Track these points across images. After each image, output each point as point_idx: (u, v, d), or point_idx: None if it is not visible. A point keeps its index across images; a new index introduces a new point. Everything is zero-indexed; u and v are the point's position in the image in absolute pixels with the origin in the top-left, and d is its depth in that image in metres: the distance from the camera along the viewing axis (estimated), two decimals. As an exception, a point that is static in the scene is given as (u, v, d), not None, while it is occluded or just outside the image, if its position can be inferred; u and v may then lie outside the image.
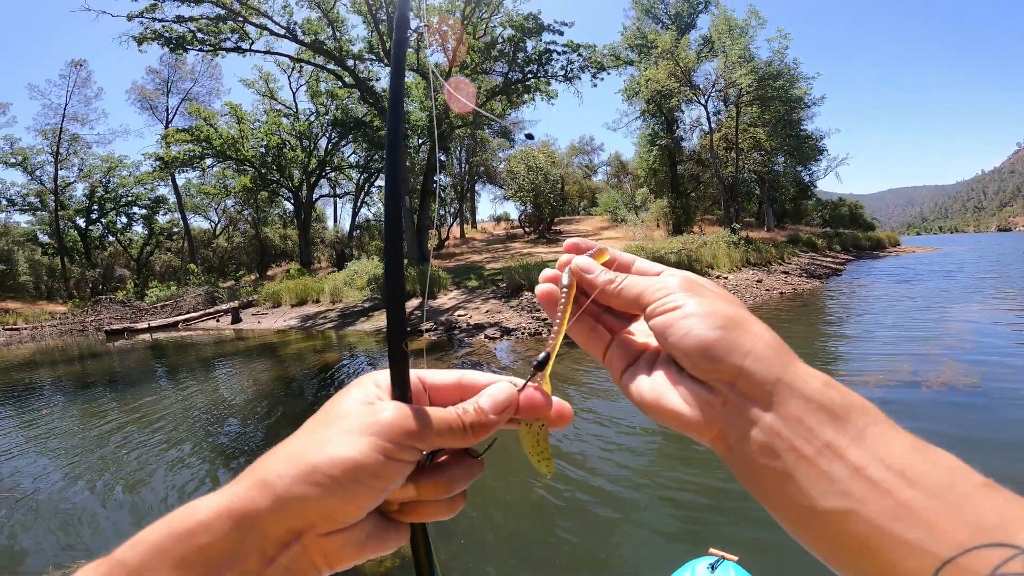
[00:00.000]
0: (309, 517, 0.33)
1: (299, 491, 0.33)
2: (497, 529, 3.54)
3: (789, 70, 28.15)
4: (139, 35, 17.73)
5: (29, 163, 34.89)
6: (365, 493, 0.34)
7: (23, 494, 4.48)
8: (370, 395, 0.38)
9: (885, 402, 5.42)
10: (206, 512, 0.32)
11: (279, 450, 0.35)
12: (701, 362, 0.35)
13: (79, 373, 11.28)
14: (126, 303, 24.83)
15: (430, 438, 0.36)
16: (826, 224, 40.60)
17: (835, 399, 0.32)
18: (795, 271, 19.51)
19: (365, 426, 0.35)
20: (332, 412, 0.37)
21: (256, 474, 0.34)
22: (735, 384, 0.34)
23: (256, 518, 0.32)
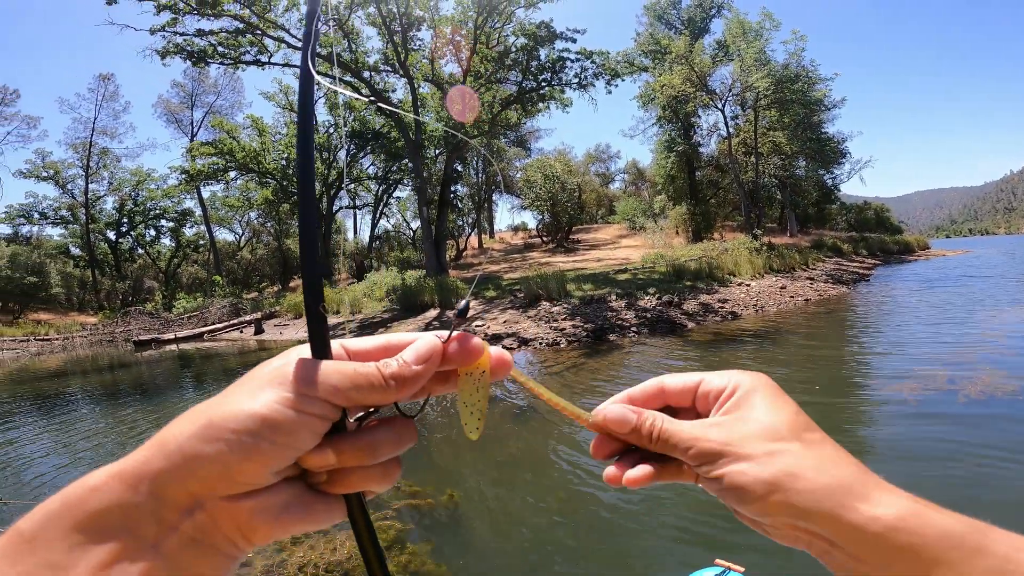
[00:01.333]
0: (206, 477, 0.31)
1: (193, 448, 0.31)
2: (502, 533, 3.49)
3: (807, 72, 27.79)
4: (162, 49, 18.32)
5: (61, 177, 36.18)
6: (268, 449, 0.31)
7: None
8: (283, 362, 0.35)
9: (922, 412, 5.24)
10: (99, 476, 0.31)
11: (186, 412, 0.33)
12: (760, 520, 0.37)
13: (109, 382, 11.56)
14: (154, 314, 25.46)
15: (344, 391, 0.34)
16: (851, 228, 39.78)
17: (907, 539, 0.32)
18: (820, 277, 19.10)
19: (271, 379, 0.33)
20: (247, 375, 0.35)
21: (156, 437, 0.32)
22: (797, 527, 0.36)
23: (149, 480, 0.30)
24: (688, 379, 0.44)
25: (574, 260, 25.26)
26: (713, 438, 0.39)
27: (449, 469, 4.62)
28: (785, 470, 0.36)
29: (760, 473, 0.36)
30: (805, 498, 0.35)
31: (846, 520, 0.33)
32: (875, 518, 0.33)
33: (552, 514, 3.75)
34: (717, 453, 0.38)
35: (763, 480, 0.36)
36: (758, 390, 0.41)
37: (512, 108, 23.55)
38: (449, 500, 3.91)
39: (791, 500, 0.35)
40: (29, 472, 5.50)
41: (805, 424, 0.39)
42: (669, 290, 14.80)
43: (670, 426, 0.41)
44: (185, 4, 17.32)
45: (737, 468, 0.37)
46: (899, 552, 0.32)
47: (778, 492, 0.35)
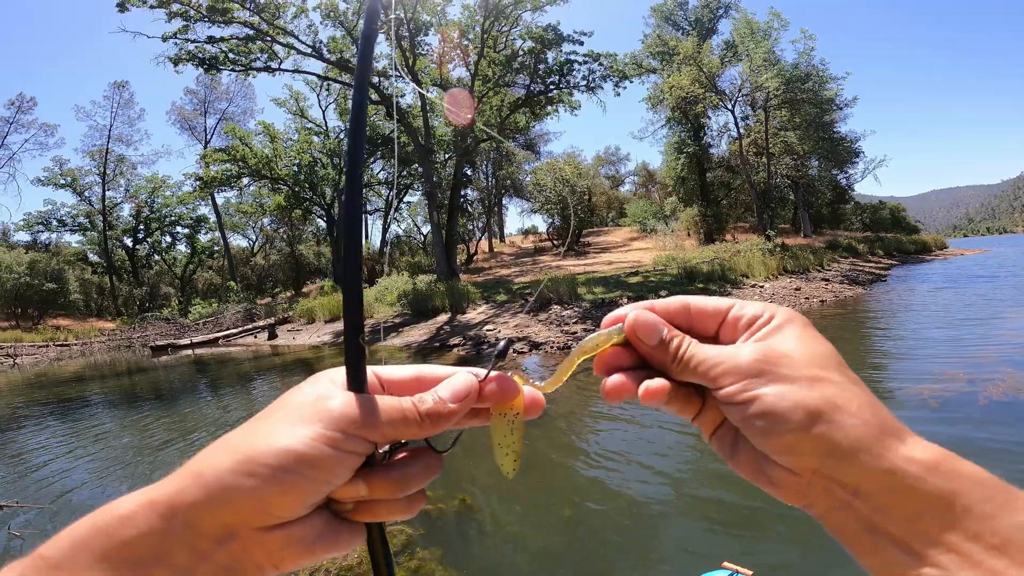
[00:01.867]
0: (242, 510, 0.31)
1: (231, 481, 0.30)
2: (512, 539, 3.47)
3: (817, 71, 27.55)
4: (174, 56, 18.63)
5: (78, 184, 36.85)
6: (304, 485, 0.31)
7: (64, 502, 4.64)
8: (323, 389, 0.35)
9: (942, 413, 5.14)
10: (129, 505, 0.30)
11: (218, 442, 0.33)
12: (781, 459, 0.34)
13: (127, 387, 11.73)
14: (171, 320, 25.83)
15: (380, 428, 0.34)
16: (866, 228, 39.27)
17: (939, 484, 0.30)
18: (836, 278, 18.84)
19: (310, 415, 0.33)
20: (279, 404, 0.35)
21: (190, 466, 0.32)
22: (820, 473, 0.33)
23: (184, 509, 0.30)
24: (719, 302, 0.40)
25: (585, 263, 25.20)
26: (749, 356, 0.35)
27: (460, 474, 4.61)
28: (830, 399, 0.33)
29: (803, 398, 0.33)
30: (847, 433, 0.32)
31: (883, 461, 0.31)
32: (912, 459, 0.31)
33: (562, 520, 3.73)
34: (754, 370, 0.34)
35: (806, 406, 0.32)
36: (795, 322, 0.37)
37: (521, 111, 23.61)
38: (460, 505, 3.90)
39: (832, 434, 0.32)
40: (45, 476, 5.59)
41: (843, 362, 0.36)
42: (681, 292, 14.66)
43: (698, 348, 0.37)
44: (196, 12, 17.62)
45: (776, 390, 0.33)
46: (931, 500, 0.30)
47: (820, 423, 0.32)
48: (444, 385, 0.37)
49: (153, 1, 17.09)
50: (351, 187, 0.39)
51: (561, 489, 4.20)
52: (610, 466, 4.56)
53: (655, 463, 4.56)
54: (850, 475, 0.32)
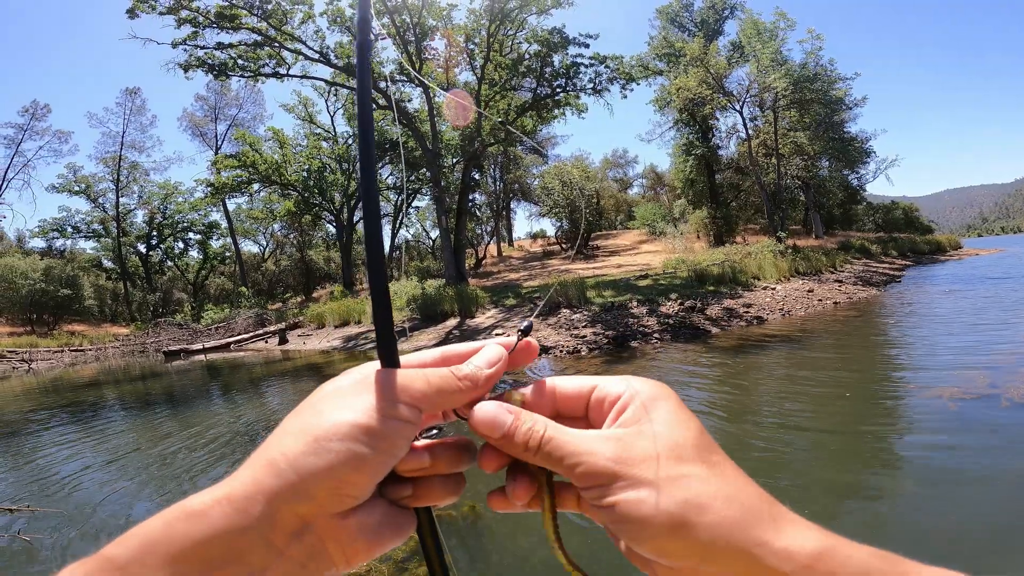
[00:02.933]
0: (318, 494, 0.31)
1: (307, 463, 0.30)
2: (522, 548, 3.43)
3: (825, 71, 27.32)
4: (184, 62, 18.86)
5: (92, 191, 37.35)
6: (374, 459, 0.32)
7: (78, 507, 4.67)
8: (356, 377, 0.36)
9: (962, 417, 5.03)
10: (204, 500, 0.30)
11: (277, 433, 0.33)
12: (658, 560, 0.32)
13: (141, 392, 11.83)
14: (183, 325, 26.08)
15: (428, 395, 0.35)
16: (879, 229, 38.82)
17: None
18: (849, 279, 18.62)
19: (362, 391, 0.34)
20: (320, 393, 0.35)
21: (260, 456, 0.32)
22: (700, 572, 0.31)
23: (261, 501, 0.30)
24: (581, 383, 0.38)
25: (594, 267, 25.12)
26: (606, 454, 0.33)
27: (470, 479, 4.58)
28: (692, 499, 0.31)
29: (663, 503, 0.31)
30: (715, 533, 0.30)
31: (759, 559, 0.29)
32: (788, 555, 0.29)
33: (570, 526, 3.68)
34: (610, 474, 0.32)
35: (667, 512, 0.31)
36: (659, 400, 0.35)
37: (528, 115, 23.62)
38: (470, 512, 3.87)
39: (699, 536, 0.30)
40: (59, 481, 5.63)
41: (708, 444, 0.34)
42: (692, 295, 14.58)
43: (556, 433, 0.35)
44: (204, 18, 17.83)
45: (634, 496, 0.31)
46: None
47: (683, 527, 0.30)
48: (478, 355, 0.39)
49: (162, 7, 17.34)
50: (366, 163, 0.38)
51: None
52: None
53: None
54: (731, 571, 0.30)
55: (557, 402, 0.39)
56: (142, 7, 17.17)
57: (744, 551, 0.29)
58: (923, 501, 3.49)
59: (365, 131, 0.38)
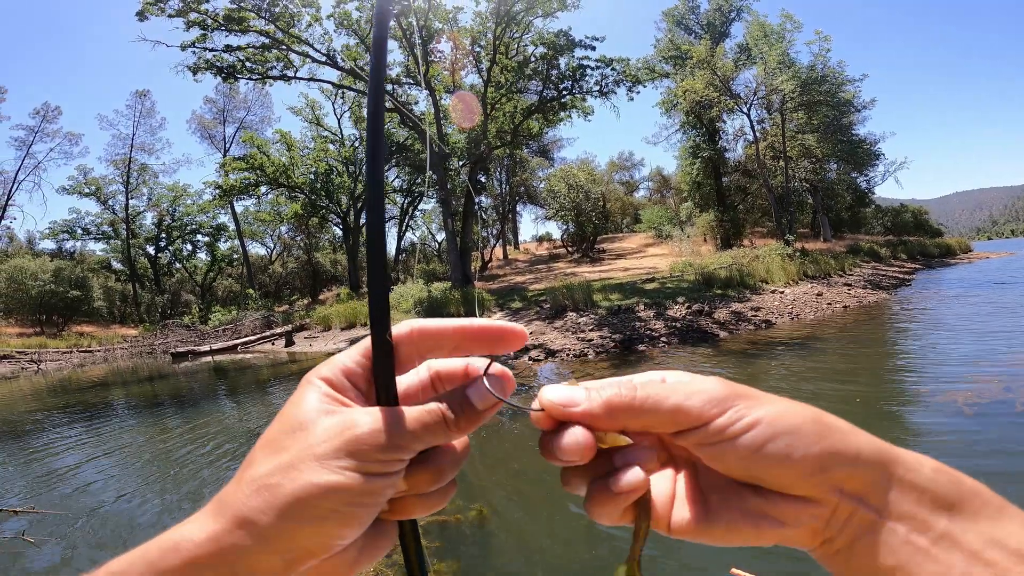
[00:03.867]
0: (300, 548, 0.30)
1: (284, 526, 0.29)
2: (530, 552, 3.38)
3: (833, 73, 27.14)
4: (193, 65, 19.02)
5: (102, 193, 37.63)
6: (362, 513, 0.31)
7: (82, 509, 4.66)
8: (324, 399, 0.34)
9: (976, 423, 4.94)
10: (189, 547, 0.29)
11: (247, 479, 0.31)
12: (805, 481, 0.31)
13: (148, 393, 11.88)
14: (191, 327, 26.22)
15: (412, 446, 0.33)
16: (888, 232, 38.49)
17: (946, 486, 0.30)
18: (858, 283, 18.45)
19: (340, 446, 0.31)
20: (291, 425, 0.33)
21: (231, 510, 0.30)
22: (844, 491, 0.30)
23: (244, 557, 0.29)
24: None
25: (600, 270, 25.04)
26: (713, 382, 0.33)
27: (478, 483, 4.54)
28: (818, 411, 0.32)
29: (800, 412, 0.31)
30: (860, 439, 0.31)
31: (901, 460, 0.30)
32: (920, 461, 0.31)
33: (578, 532, 3.64)
34: (732, 394, 0.32)
35: (810, 418, 0.31)
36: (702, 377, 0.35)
37: (534, 118, 23.62)
38: (478, 516, 3.83)
39: (847, 440, 0.30)
40: (64, 483, 5.64)
41: None
42: (699, 299, 14.48)
43: (653, 387, 0.33)
44: (213, 20, 17.97)
45: (772, 409, 0.31)
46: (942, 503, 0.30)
47: (832, 432, 0.31)
48: (472, 392, 0.35)
49: (171, 10, 17.49)
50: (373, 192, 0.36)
51: (579, 504, 4.11)
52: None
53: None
54: (874, 482, 0.30)
55: None
56: (151, 9, 17.32)
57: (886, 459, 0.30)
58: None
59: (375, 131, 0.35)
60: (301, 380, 0.36)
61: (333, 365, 0.36)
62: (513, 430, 5.82)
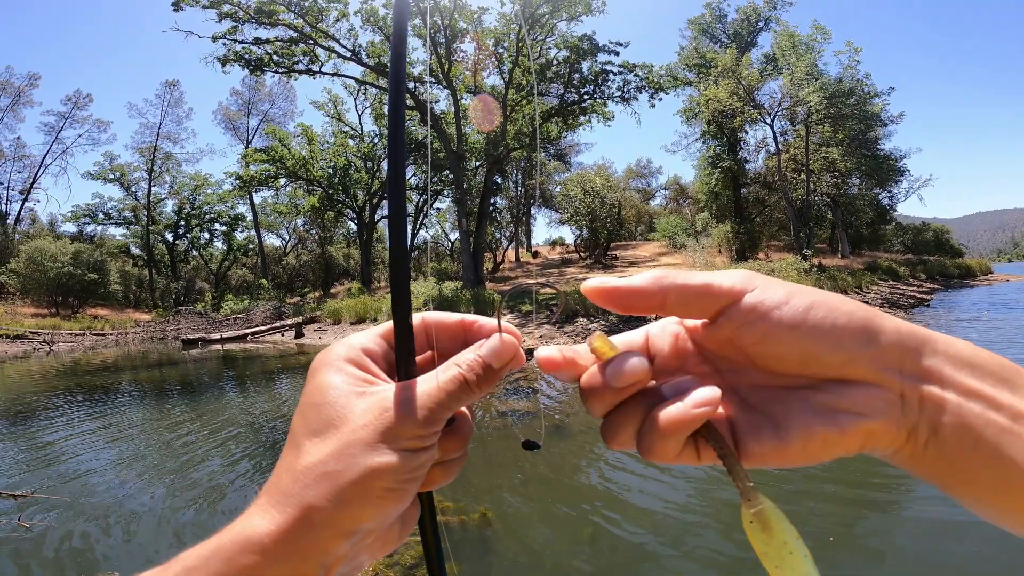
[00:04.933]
0: (365, 528, 0.32)
1: (350, 511, 0.31)
2: (536, 556, 3.29)
3: (862, 85, 26.72)
4: (223, 56, 19.26)
5: (126, 179, 38.21)
6: (409, 488, 0.33)
7: (83, 495, 4.65)
8: (355, 380, 0.35)
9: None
10: (264, 541, 0.30)
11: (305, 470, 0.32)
12: (857, 356, 0.29)
13: (157, 379, 11.96)
14: (203, 314, 26.46)
15: (442, 416, 0.34)
16: (908, 251, 37.79)
17: (993, 362, 0.30)
18: (875, 301, 18.12)
19: (383, 430, 0.32)
20: (330, 412, 0.34)
21: (294, 500, 0.31)
22: (902, 371, 0.29)
23: (318, 543, 0.31)
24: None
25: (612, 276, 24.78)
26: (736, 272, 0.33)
27: (484, 484, 4.46)
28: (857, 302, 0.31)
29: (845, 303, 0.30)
30: (889, 316, 0.30)
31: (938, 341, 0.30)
32: (952, 340, 0.30)
33: (584, 537, 3.54)
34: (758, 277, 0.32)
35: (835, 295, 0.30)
36: None
37: (553, 121, 23.55)
38: (482, 519, 3.74)
39: (882, 316, 0.30)
40: (65, 467, 5.65)
41: None
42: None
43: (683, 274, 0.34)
44: (244, 13, 18.20)
45: (794, 287, 0.31)
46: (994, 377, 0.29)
47: (864, 309, 0.30)
48: (485, 348, 0.36)
49: (205, 1, 17.74)
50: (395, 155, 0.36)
51: (584, 505, 4.02)
52: (634, 483, 4.38)
53: (680, 480, 4.34)
54: (921, 357, 0.29)
55: None
56: (187, 0, 17.58)
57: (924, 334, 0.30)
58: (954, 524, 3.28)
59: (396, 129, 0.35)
60: (319, 361, 0.36)
61: (351, 345, 0.37)
62: (518, 432, 5.73)
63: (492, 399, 7.72)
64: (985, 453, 0.28)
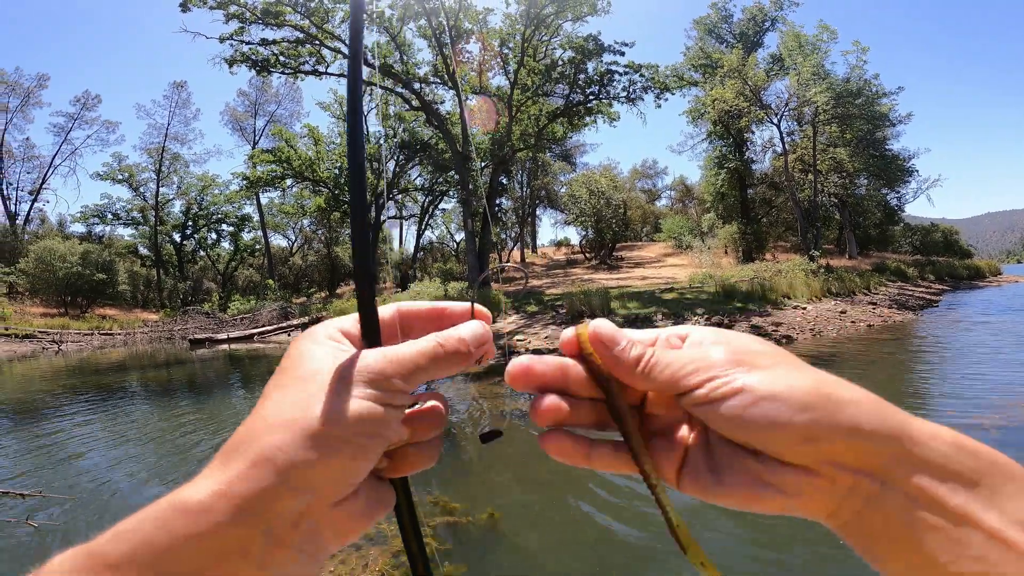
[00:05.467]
0: (319, 485, 0.30)
1: (307, 458, 0.29)
2: (542, 557, 3.28)
3: (870, 85, 26.52)
4: (230, 57, 19.39)
5: (135, 180, 38.45)
6: (374, 446, 0.32)
7: (90, 494, 4.68)
8: (331, 348, 0.35)
9: (1004, 445, 4.70)
10: (199, 499, 0.28)
11: (260, 421, 0.31)
12: (794, 450, 0.30)
13: (164, 378, 12.04)
14: (210, 314, 26.59)
15: (414, 376, 0.34)
16: (916, 251, 37.48)
17: (963, 460, 0.28)
18: (883, 301, 17.97)
19: (352, 378, 0.32)
20: (300, 372, 0.34)
21: (249, 450, 0.30)
22: (842, 464, 0.29)
23: (263, 498, 0.29)
24: (646, 332, 0.38)
25: (618, 277, 24.81)
26: (720, 351, 0.33)
27: (490, 485, 4.45)
28: (822, 379, 0.31)
29: (796, 380, 0.30)
30: (861, 408, 0.29)
31: (905, 439, 0.29)
32: (935, 434, 0.29)
33: (589, 541, 3.53)
34: (731, 361, 0.32)
35: (804, 387, 0.30)
36: (725, 332, 0.36)
37: (558, 121, 23.52)
38: (488, 519, 3.74)
39: (847, 410, 0.29)
40: (73, 466, 5.68)
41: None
42: (719, 311, 14.23)
43: (663, 352, 0.34)
44: (251, 13, 18.30)
45: (765, 375, 0.31)
46: (963, 478, 0.28)
47: (829, 400, 0.29)
48: (463, 328, 0.38)
49: (213, 2, 17.87)
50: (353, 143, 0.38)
51: (590, 509, 4.00)
52: (639, 485, 4.34)
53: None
54: (876, 456, 0.29)
55: None
56: (194, 1, 17.72)
57: (893, 428, 0.29)
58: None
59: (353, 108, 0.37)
60: (297, 338, 0.37)
61: (330, 326, 0.37)
62: (524, 434, 5.72)
63: (495, 400, 7.72)
64: (900, 542, 0.28)
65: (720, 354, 0.33)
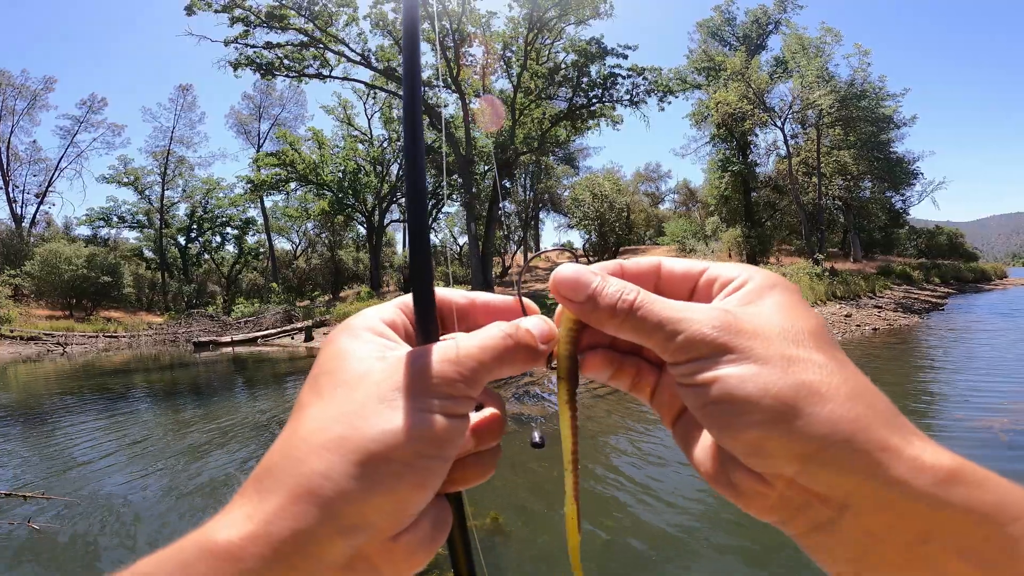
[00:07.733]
0: (375, 520, 0.25)
1: (358, 487, 0.24)
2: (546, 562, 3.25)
3: (874, 88, 26.45)
4: (234, 61, 19.51)
5: (140, 183, 38.62)
6: (437, 467, 0.26)
7: (93, 497, 4.67)
8: (376, 346, 0.29)
9: (1014, 447, 4.68)
10: (231, 540, 0.23)
11: (299, 440, 0.26)
12: (748, 462, 0.26)
13: (168, 381, 12.06)
14: (214, 317, 26.65)
15: (481, 377, 0.28)
16: (921, 254, 37.29)
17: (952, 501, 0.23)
18: (889, 305, 17.87)
19: (409, 383, 0.27)
20: (343, 375, 0.28)
21: (287, 477, 0.25)
22: (796, 482, 0.26)
23: (306, 542, 0.23)
24: (691, 264, 0.33)
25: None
26: (712, 323, 0.27)
27: (494, 487, 4.43)
28: (809, 384, 0.25)
29: (773, 383, 0.25)
30: (832, 428, 0.24)
31: (880, 468, 0.24)
32: (919, 466, 0.24)
33: (594, 546, 3.50)
34: (714, 345, 0.27)
35: (776, 393, 0.25)
36: (779, 287, 0.30)
37: (561, 125, 23.55)
38: (492, 523, 3.71)
39: (811, 430, 0.24)
40: (77, 469, 5.68)
41: (831, 339, 0.28)
42: (722, 313, 14.18)
43: (650, 298, 0.29)
44: (256, 17, 18.42)
45: (739, 371, 0.26)
46: (943, 520, 0.23)
47: (793, 416, 0.24)
48: (528, 321, 0.32)
49: (218, 5, 18.00)
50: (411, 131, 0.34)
51: (594, 514, 3.97)
52: (644, 488, 4.33)
53: (691, 492, 4.28)
54: (836, 486, 0.24)
55: (661, 279, 0.33)
56: (199, 4, 17.85)
57: (865, 454, 0.24)
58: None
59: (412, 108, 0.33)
60: (334, 332, 0.31)
61: (369, 316, 0.31)
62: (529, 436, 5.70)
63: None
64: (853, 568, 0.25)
65: (714, 322, 0.28)
